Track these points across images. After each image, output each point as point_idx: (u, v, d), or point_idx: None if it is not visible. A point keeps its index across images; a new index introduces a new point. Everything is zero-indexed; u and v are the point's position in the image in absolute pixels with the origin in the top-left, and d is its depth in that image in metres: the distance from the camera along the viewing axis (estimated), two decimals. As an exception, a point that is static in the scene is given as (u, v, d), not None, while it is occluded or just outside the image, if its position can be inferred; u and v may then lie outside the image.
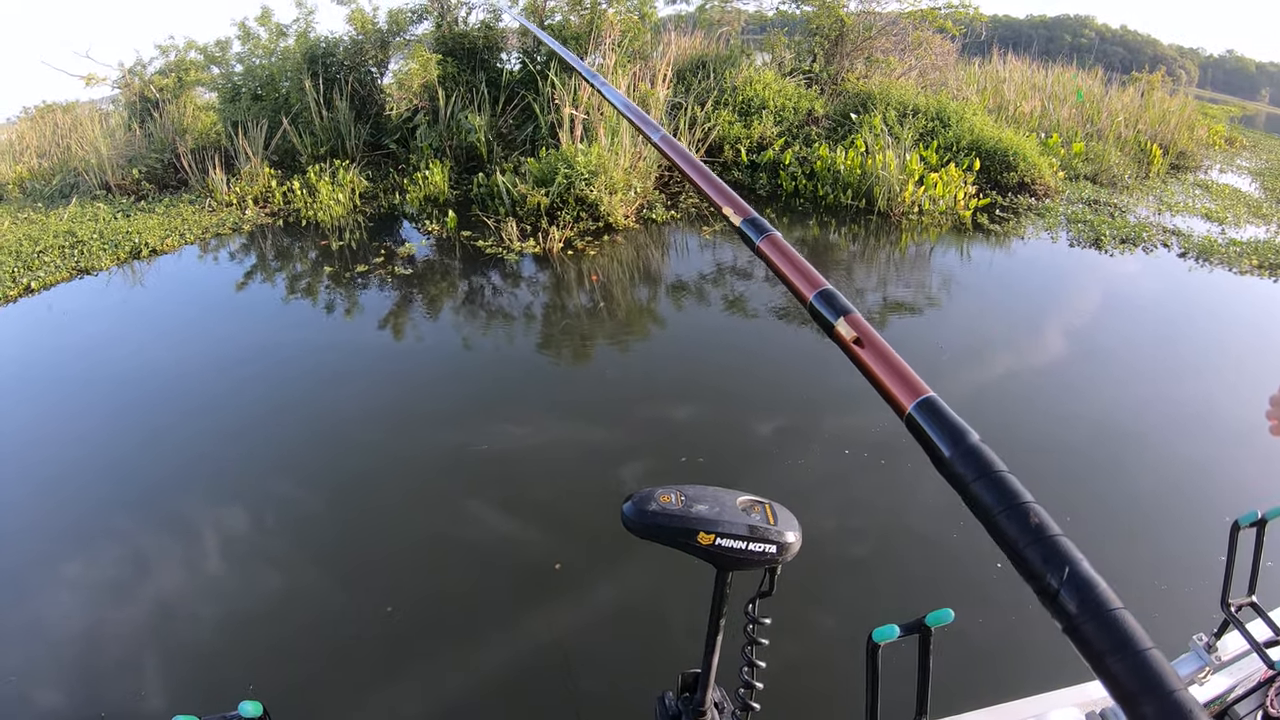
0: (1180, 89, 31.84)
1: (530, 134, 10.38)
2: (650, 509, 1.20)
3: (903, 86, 13.92)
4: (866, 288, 8.31)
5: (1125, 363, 7.34)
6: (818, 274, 0.96)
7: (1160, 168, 17.43)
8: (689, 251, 8.38)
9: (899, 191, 10.53)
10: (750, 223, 1.09)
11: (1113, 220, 12.19)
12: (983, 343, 7.26)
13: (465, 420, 5.16)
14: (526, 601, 3.74)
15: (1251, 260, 11.21)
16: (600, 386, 5.79)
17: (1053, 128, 16.32)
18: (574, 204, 8.42)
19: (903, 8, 14.50)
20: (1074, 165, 14.99)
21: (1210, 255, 11.28)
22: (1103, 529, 4.67)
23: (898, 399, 0.79)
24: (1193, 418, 6.39)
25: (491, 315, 6.68)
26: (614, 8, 11.43)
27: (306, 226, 8.30)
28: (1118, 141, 17.17)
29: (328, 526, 4.24)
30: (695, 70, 11.99)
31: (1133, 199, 14.28)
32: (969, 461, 0.70)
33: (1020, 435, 5.67)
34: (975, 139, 12.73)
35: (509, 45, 12.02)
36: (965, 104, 14.18)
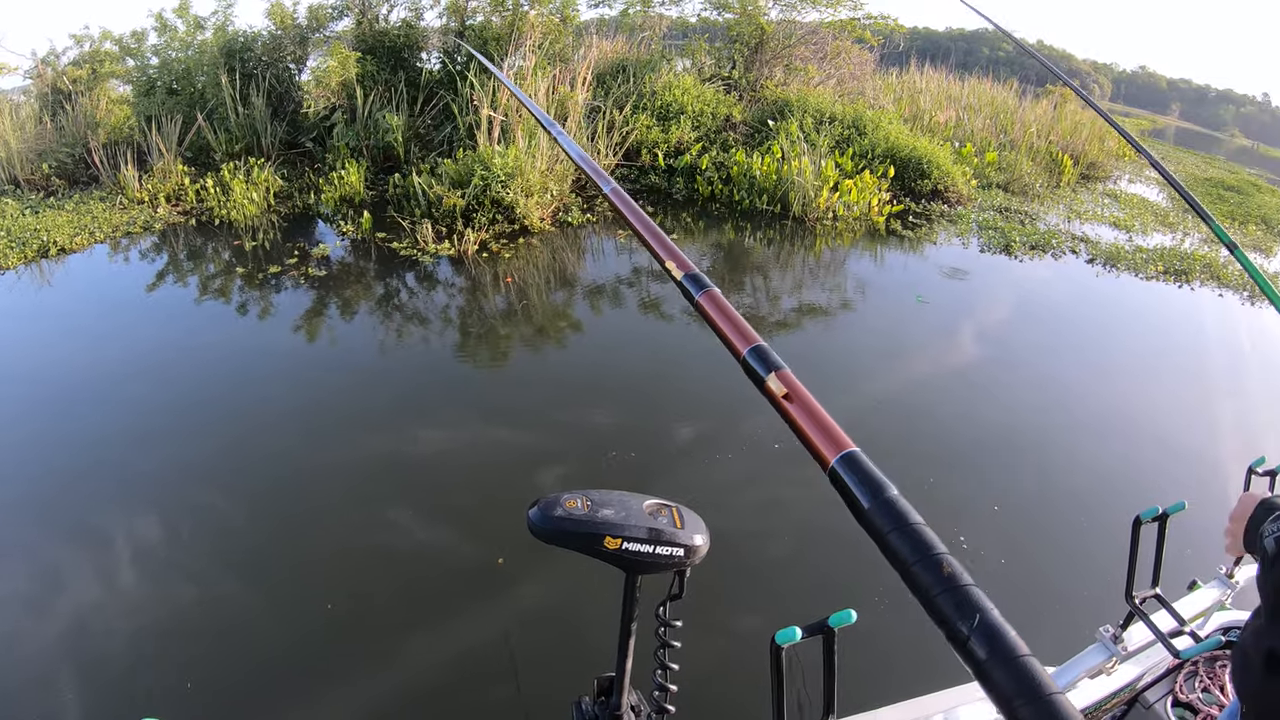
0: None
1: (448, 135, 10.31)
2: (556, 514, 1.20)
3: (820, 94, 14.13)
4: (781, 291, 8.46)
5: (1033, 366, 7.63)
6: (752, 330, 0.99)
7: (1071, 177, 17.88)
8: (604, 254, 8.44)
9: (814, 197, 10.70)
10: (691, 278, 1.13)
11: (1023, 227, 12.53)
12: (894, 346, 7.47)
13: (381, 424, 5.12)
14: (444, 608, 3.73)
15: (1157, 266, 11.64)
16: (515, 389, 5.80)
17: (967, 137, 16.65)
18: (490, 206, 8.40)
19: (823, 17, 14.70)
20: (987, 174, 15.35)
21: (1117, 261, 11.67)
22: (1014, 526, 4.87)
23: (821, 453, 0.82)
24: (1099, 418, 6.68)
25: (406, 318, 6.65)
26: (535, 10, 11.39)
27: (220, 226, 8.15)
28: (1030, 151, 17.58)
29: (242, 534, 4.17)
30: (615, 74, 12.03)
31: (1043, 207, 14.66)
32: (886, 514, 0.73)
33: (930, 436, 5.85)
34: (890, 147, 13.00)
35: (429, 45, 11.93)
36: (881, 113, 14.44)
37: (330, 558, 4.00)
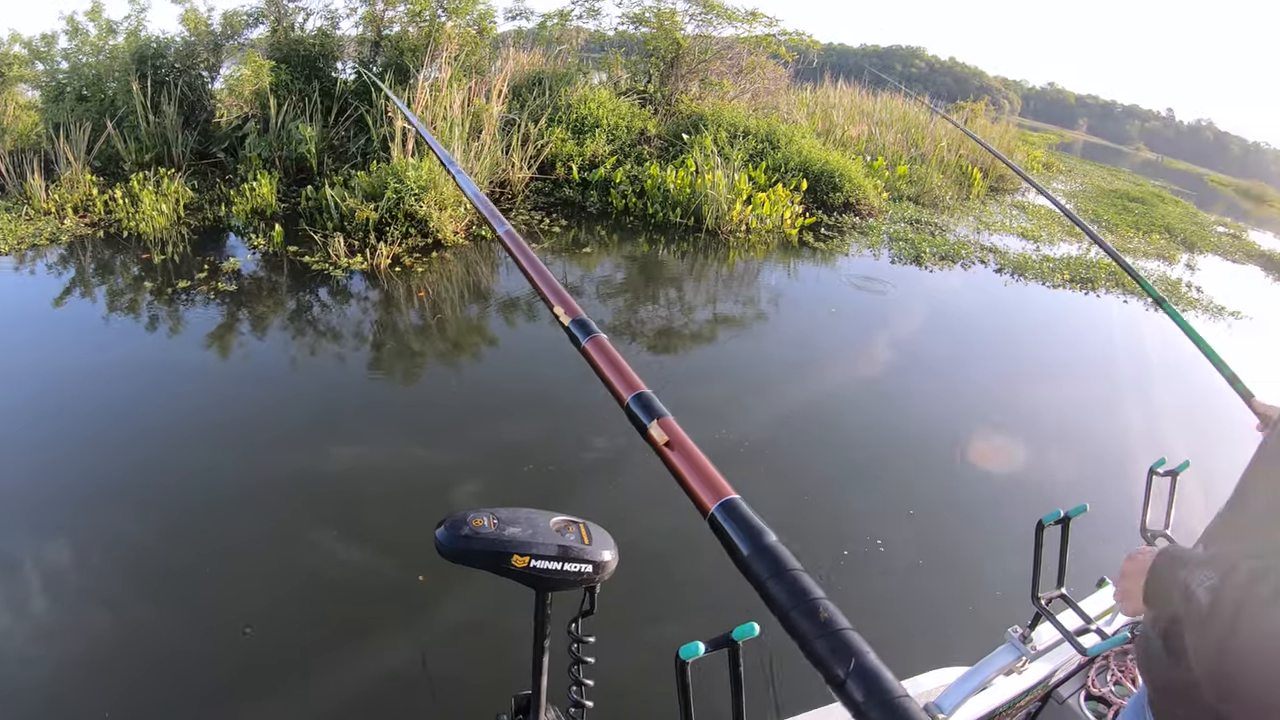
0: (1003, 117, 33.49)
1: (362, 147, 10.23)
2: (463, 533, 1.20)
3: (735, 109, 14.34)
4: (694, 303, 8.58)
5: (944, 373, 7.90)
6: (636, 378, 1.01)
7: (980, 190, 18.31)
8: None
9: (727, 210, 10.86)
10: (578, 324, 1.16)
11: (933, 238, 12.84)
12: (806, 356, 7.67)
13: (295, 442, 5.01)
14: (363, 628, 3.68)
15: (1064, 275, 12.09)
16: (430, 404, 5.80)
17: (879, 151, 16.97)
18: (403, 219, 8.35)
19: (739, 33, 14.91)
20: (898, 187, 15.71)
21: (1025, 271, 12.07)
22: (929, 529, 5.03)
23: (702, 500, 0.83)
24: (1009, 424, 6.93)
25: (319, 334, 6.57)
26: (453, 21, 11.41)
27: (128, 238, 7.95)
28: (940, 165, 17.96)
29: (154, 555, 4.04)
30: (531, 87, 12.04)
31: (953, 219, 15.01)
32: (765, 560, 0.75)
33: (844, 445, 6.02)
34: (803, 160, 13.25)
35: (345, 54, 11.80)
36: (795, 127, 14.69)
37: (245, 579, 3.90)
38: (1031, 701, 2.50)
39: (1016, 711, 2.42)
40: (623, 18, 14.34)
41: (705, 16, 14.29)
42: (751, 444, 5.67)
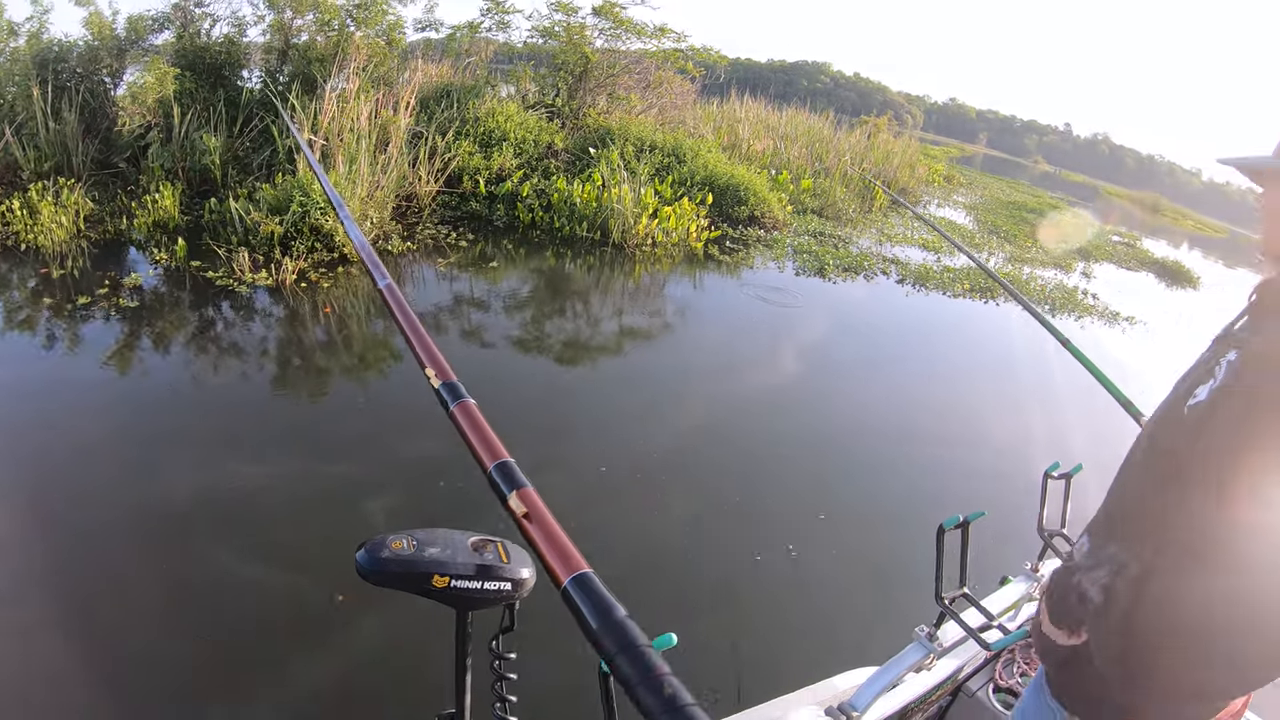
0: (906, 131, 34.33)
1: (267, 158, 10.04)
2: (383, 556, 1.18)
3: (642, 123, 14.57)
4: (601, 316, 8.69)
5: (849, 383, 8.23)
6: (500, 445, 1.04)
7: (882, 203, 18.70)
8: (425, 283, 8.45)
9: (633, 224, 11.01)
10: (448, 387, 1.19)
11: (837, 250, 13.16)
12: (712, 367, 7.82)
13: (199, 462, 4.85)
14: (279, 653, 3.58)
15: (964, 285, 12.48)
16: (337, 421, 5.67)
17: (783, 165, 17.29)
18: (309, 234, 8.21)
19: (647, 48, 15.07)
20: (802, 200, 16.05)
21: (927, 281, 12.49)
22: (840, 533, 5.22)
23: (556, 572, 0.85)
24: (915, 431, 7.27)
25: (223, 351, 6.40)
26: (362, 31, 11.31)
27: (26, 251, 7.65)
28: (844, 179, 18.33)
29: (50, 585, 3.78)
30: (439, 99, 12.00)
31: (856, 231, 15.41)
32: (615, 635, 0.76)
33: (753, 453, 6.16)
34: (709, 175, 13.50)
35: (251, 63, 11.61)
36: (701, 141, 14.96)
37: (152, 607, 3.71)
38: (942, 696, 2.58)
39: (928, 706, 2.48)
40: (532, 31, 14.41)
41: (614, 31, 14.41)
42: (661, 453, 5.79)
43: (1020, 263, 16.45)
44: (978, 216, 22.88)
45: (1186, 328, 14.94)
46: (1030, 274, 15.35)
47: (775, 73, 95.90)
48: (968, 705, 2.70)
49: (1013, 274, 14.92)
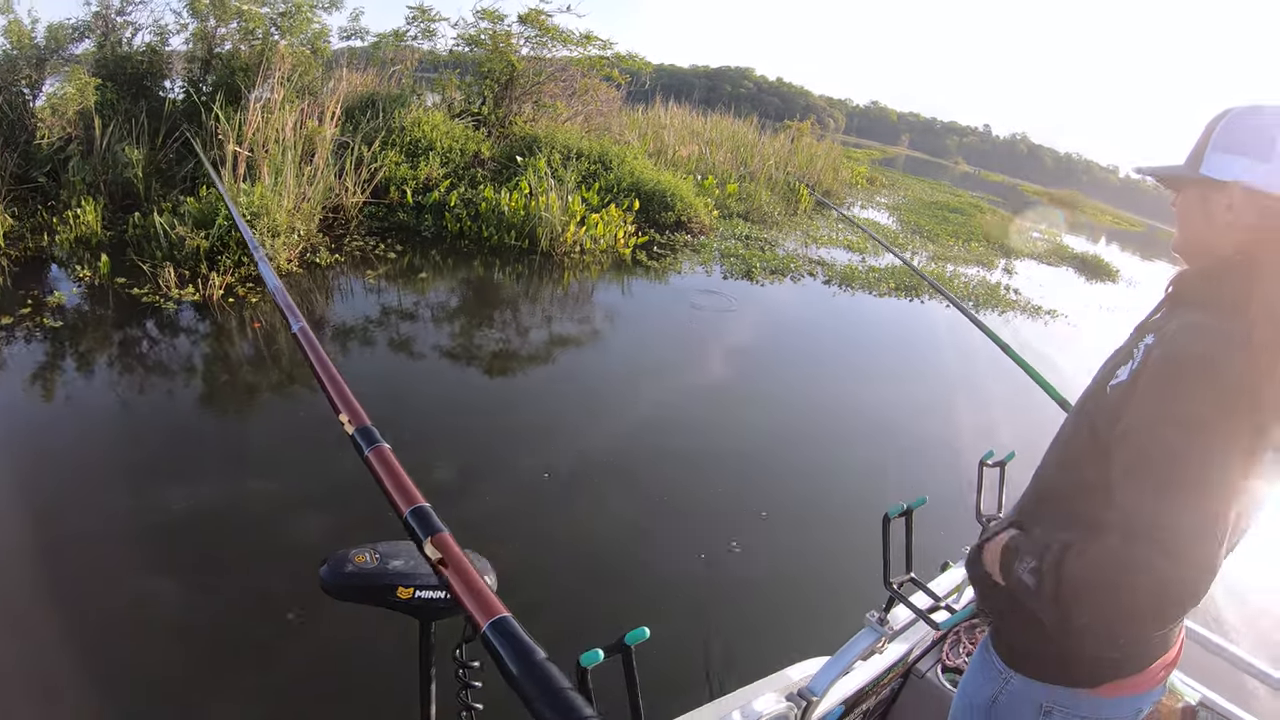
0: (829, 135, 34.89)
1: (191, 170, 9.86)
2: (347, 570, 1.20)
3: (568, 130, 14.62)
4: (530, 324, 8.72)
5: (783, 382, 8.43)
6: (416, 491, 1.04)
7: (807, 205, 18.99)
8: (353, 295, 8.41)
9: (561, 232, 11.08)
10: (363, 432, 1.18)
11: (764, 253, 13.37)
12: (643, 371, 7.94)
13: (129, 486, 4.69)
14: (236, 674, 3.49)
15: (889, 284, 12.79)
16: (269, 438, 5.56)
17: (709, 170, 17.47)
18: (235, 248, 8.02)
19: (573, 55, 15.14)
20: (728, 204, 16.26)
21: (852, 281, 12.78)
22: (782, 529, 5.38)
23: (475, 617, 0.85)
24: (850, 426, 7.58)
25: (150, 370, 6.24)
26: (287, 40, 11.20)
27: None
28: (769, 183, 18.58)
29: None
30: (365, 108, 11.92)
31: (782, 234, 15.64)
32: (535, 678, 0.77)
33: (691, 455, 6.26)
34: (635, 181, 13.62)
35: (174, 72, 11.35)
36: (627, 148, 15.06)
37: (93, 637, 3.54)
38: (894, 678, 2.68)
39: (881, 689, 2.60)
40: (458, 39, 14.40)
41: (540, 39, 14.44)
42: (599, 456, 5.90)
43: (944, 261, 16.87)
44: (901, 217, 23.33)
45: (1107, 318, 15.51)
46: (954, 271, 15.76)
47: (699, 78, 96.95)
48: (918, 686, 2.82)
49: (937, 272, 15.34)
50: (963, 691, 1.90)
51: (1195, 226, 1.54)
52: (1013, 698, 1.70)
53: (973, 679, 1.85)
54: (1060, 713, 1.64)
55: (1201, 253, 1.55)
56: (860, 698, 2.37)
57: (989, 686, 1.76)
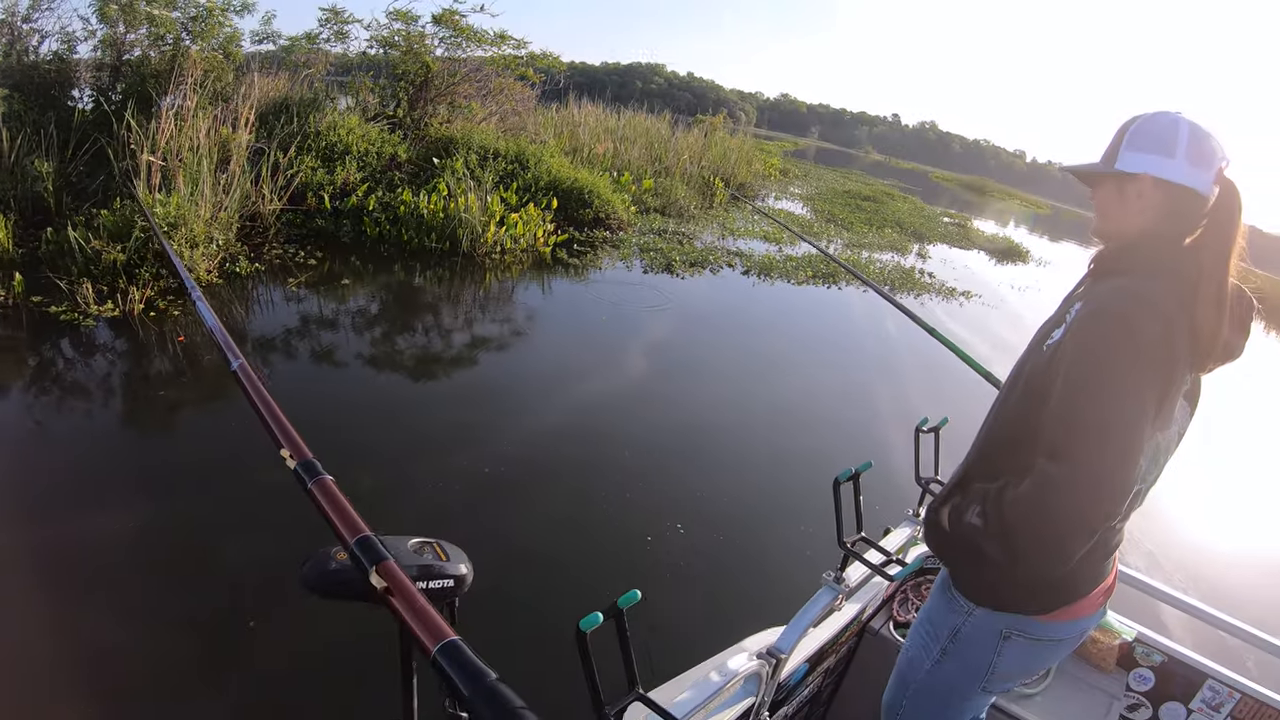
0: (741, 128, 35.27)
1: (103, 182, 9.55)
2: (331, 568, 1.17)
3: (484, 131, 14.64)
4: (453, 327, 8.79)
5: (717, 369, 8.73)
6: (360, 521, 1.05)
7: (723, 198, 19.30)
8: (274, 305, 8.35)
9: (481, 233, 11.16)
10: (305, 465, 1.19)
11: (682, 247, 13.64)
12: (569, 370, 8.05)
13: (49, 511, 4.52)
14: (207, 684, 3.50)
15: (807, 272, 13.20)
16: (194, 453, 5.42)
17: (624, 167, 17.60)
18: (153, 260, 7.87)
19: (487, 55, 15.16)
20: (645, 200, 16.46)
21: (771, 271, 13.12)
22: (725, 511, 5.60)
23: (423, 642, 0.86)
24: (785, 409, 7.89)
25: (68, 390, 6.00)
26: (198, 45, 11.03)
27: None
28: (684, 177, 18.83)
29: None
30: (279, 113, 11.75)
31: (699, 227, 15.94)
32: (487, 700, 0.77)
33: (625, 448, 6.40)
34: (553, 179, 13.78)
35: (82, 81, 11.03)
36: (543, 147, 15.15)
37: (35, 672, 3.42)
38: (850, 636, 2.83)
39: (840, 647, 2.75)
40: (371, 41, 14.28)
41: (454, 39, 14.42)
42: (534, 455, 6.01)
43: (859, 248, 17.33)
44: (815, 206, 23.74)
45: (1019, 297, 16.15)
46: (869, 258, 16.23)
47: (610, 75, 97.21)
48: (873, 643, 3.02)
49: (853, 258, 15.75)
50: (923, 626, 2.14)
51: (1112, 213, 1.83)
52: (975, 628, 1.96)
53: (935, 614, 2.09)
54: (1018, 636, 1.92)
55: (1117, 234, 1.83)
56: (821, 655, 2.53)
57: (951, 620, 2.01)
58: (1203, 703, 2.83)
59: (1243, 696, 2.75)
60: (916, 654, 2.14)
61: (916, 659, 2.14)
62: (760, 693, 2.02)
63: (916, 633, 2.17)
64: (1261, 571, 6.67)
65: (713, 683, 1.83)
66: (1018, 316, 14.26)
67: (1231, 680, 2.78)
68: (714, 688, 1.81)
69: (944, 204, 40.06)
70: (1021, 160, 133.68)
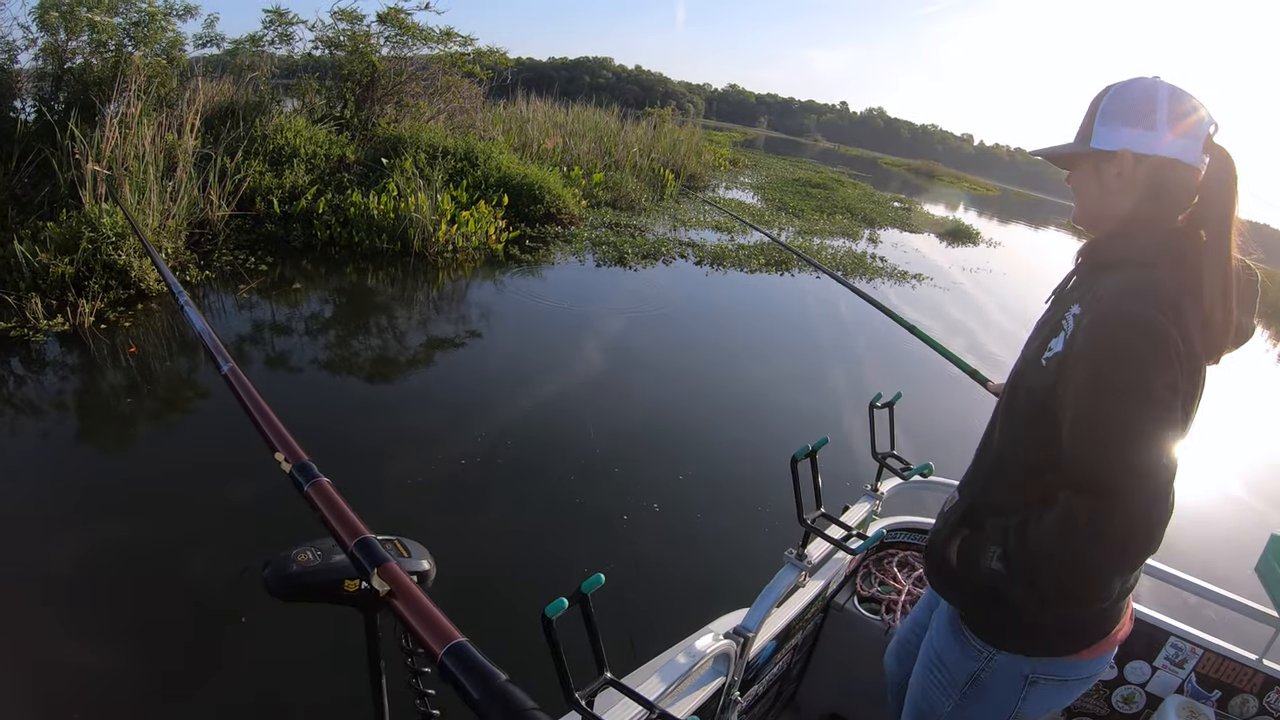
0: (690, 120, 35.38)
1: (49, 193, 9.35)
2: (293, 570, 1.16)
3: (432, 129, 14.67)
4: (407, 329, 8.80)
5: (665, 362, 8.83)
6: (359, 523, 1.04)
7: (673, 190, 19.46)
8: (226, 313, 8.31)
9: (433, 232, 11.17)
10: (300, 468, 1.17)
11: (634, 239, 13.74)
12: (527, 368, 8.09)
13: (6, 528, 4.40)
14: (194, 679, 3.54)
15: (759, 261, 13.42)
16: (152, 466, 5.35)
17: (574, 161, 17.65)
18: (102, 271, 7.79)
19: (433, 53, 15.17)
20: (596, 194, 16.55)
21: (723, 261, 13.33)
22: (698, 491, 5.82)
23: (430, 645, 0.84)
24: (743, 393, 8.08)
25: (19, 410, 5.89)
26: (141, 51, 10.92)
27: None
28: (634, 170, 18.91)
29: None
30: (225, 118, 11.67)
31: (650, 219, 16.01)
32: (498, 702, 0.76)
33: (592, 439, 6.50)
34: (503, 176, 13.84)
35: (23, 91, 10.85)
36: (492, 144, 15.19)
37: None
38: (816, 612, 2.84)
39: (806, 623, 2.76)
40: (316, 41, 14.21)
41: (400, 38, 14.43)
42: (502, 448, 6.12)
43: (810, 234, 17.56)
44: (765, 195, 23.94)
45: (970, 278, 16.44)
46: (821, 244, 16.44)
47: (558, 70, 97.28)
48: (839, 618, 3.04)
49: (805, 245, 15.99)
50: (935, 669, 1.96)
51: (1092, 197, 1.68)
52: (996, 674, 1.79)
53: (946, 657, 1.91)
54: (1045, 680, 1.76)
55: (1102, 220, 1.68)
56: (789, 632, 2.55)
57: (968, 665, 1.84)
58: (1166, 659, 2.88)
59: (1205, 652, 2.84)
60: (933, 694, 1.97)
61: (934, 700, 1.97)
62: (730, 672, 2.03)
63: (929, 673, 1.99)
64: (1205, 526, 6.92)
65: (681, 664, 1.83)
66: (968, 297, 14.60)
67: (1193, 636, 2.85)
68: (683, 669, 1.81)
69: (894, 189, 40.55)
70: (969, 144, 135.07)
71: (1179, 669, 2.89)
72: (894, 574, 3.20)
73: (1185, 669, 2.89)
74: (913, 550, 3.36)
